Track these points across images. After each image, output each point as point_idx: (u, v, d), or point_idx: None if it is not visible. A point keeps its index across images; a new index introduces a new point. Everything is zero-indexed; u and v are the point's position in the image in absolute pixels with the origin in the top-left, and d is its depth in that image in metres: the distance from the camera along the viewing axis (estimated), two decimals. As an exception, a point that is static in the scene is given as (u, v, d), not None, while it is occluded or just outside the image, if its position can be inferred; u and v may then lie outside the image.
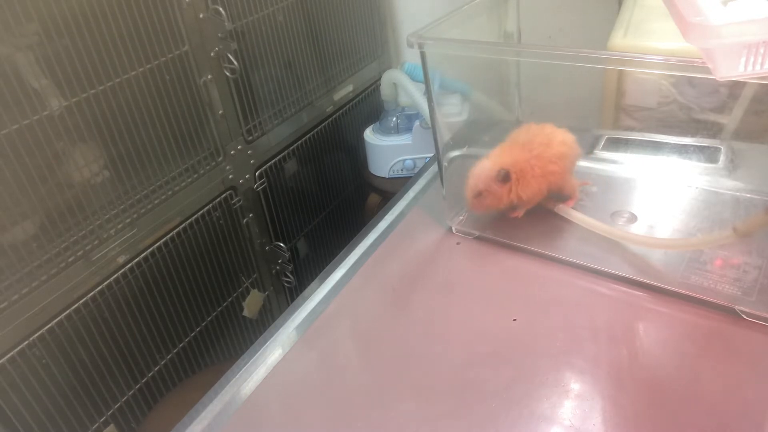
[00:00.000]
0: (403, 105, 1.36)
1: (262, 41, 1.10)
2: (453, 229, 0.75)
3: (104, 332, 0.90)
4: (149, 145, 0.92)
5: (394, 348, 0.59)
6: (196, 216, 1.02)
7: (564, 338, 0.57)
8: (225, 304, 1.13)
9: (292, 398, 0.56)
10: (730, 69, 0.40)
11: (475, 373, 0.55)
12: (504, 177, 0.69)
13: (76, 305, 0.84)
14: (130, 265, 0.92)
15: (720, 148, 0.79)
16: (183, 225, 1.00)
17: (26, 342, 0.79)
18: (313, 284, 0.69)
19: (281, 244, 1.23)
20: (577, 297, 0.62)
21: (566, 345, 0.56)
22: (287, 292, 1.30)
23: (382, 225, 0.78)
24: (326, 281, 0.70)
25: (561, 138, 0.71)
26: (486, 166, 0.70)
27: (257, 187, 1.15)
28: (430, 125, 0.72)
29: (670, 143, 0.83)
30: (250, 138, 1.11)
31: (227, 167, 1.07)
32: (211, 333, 1.11)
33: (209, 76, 0.99)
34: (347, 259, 0.73)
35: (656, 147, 0.84)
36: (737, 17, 0.38)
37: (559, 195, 0.73)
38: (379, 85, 1.36)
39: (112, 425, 0.93)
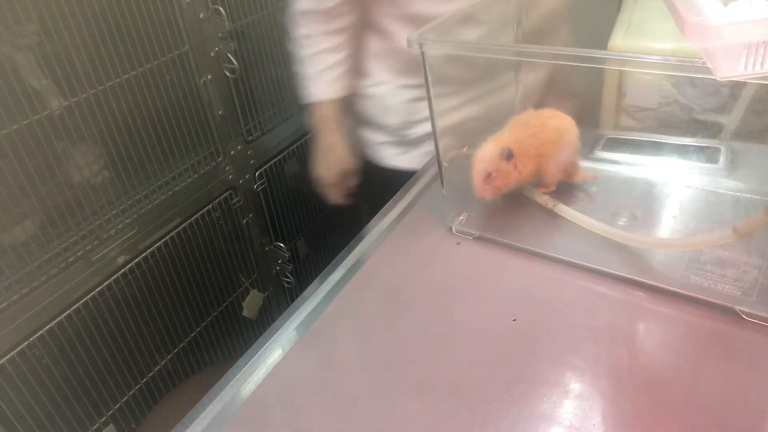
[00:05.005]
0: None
1: (262, 41, 1.10)
2: (453, 229, 0.75)
3: (104, 332, 0.90)
4: (149, 145, 0.93)
5: (394, 348, 0.59)
6: (196, 216, 1.02)
7: (564, 338, 0.57)
8: (225, 304, 1.13)
9: (292, 398, 0.56)
10: (730, 69, 0.40)
11: (476, 373, 0.55)
12: (508, 154, 0.71)
13: (76, 305, 0.84)
14: (130, 265, 0.92)
15: (720, 148, 0.79)
16: (183, 225, 1.00)
17: (26, 342, 0.79)
18: (312, 285, 0.69)
19: (281, 245, 1.23)
20: (577, 297, 0.62)
21: (566, 345, 0.56)
22: (287, 293, 1.30)
23: (382, 225, 0.78)
24: (326, 281, 0.69)
25: (555, 124, 0.74)
26: (489, 148, 0.72)
27: (257, 188, 1.15)
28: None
29: (670, 143, 0.83)
30: (250, 138, 1.11)
31: (227, 167, 1.07)
32: (210, 333, 1.11)
33: (209, 76, 0.99)
34: (347, 259, 0.73)
35: (656, 147, 0.84)
36: (737, 17, 0.38)
37: (539, 179, 0.75)
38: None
39: (111, 425, 0.93)
